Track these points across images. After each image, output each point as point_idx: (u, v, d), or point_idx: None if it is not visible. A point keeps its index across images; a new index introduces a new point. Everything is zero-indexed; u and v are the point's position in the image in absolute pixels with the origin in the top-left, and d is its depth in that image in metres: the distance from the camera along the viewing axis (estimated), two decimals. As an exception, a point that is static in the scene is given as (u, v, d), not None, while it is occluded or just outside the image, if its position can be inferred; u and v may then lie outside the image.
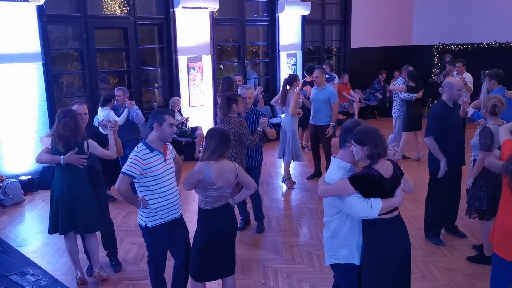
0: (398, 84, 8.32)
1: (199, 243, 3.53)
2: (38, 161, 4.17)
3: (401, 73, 8.95)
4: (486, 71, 7.36)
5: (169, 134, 3.52)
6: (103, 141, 4.41)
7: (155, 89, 9.62)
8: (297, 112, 6.95)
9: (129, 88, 8.70)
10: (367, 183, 2.89)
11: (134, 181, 3.49)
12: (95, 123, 6.37)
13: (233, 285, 3.73)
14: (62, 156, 4.00)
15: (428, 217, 5.16)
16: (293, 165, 7.85)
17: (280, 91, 7.21)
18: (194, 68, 9.22)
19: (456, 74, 8.65)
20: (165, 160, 3.56)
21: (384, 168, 2.95)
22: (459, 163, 4.94)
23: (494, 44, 12.36)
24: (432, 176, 5.00)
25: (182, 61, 9.04)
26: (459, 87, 4.79)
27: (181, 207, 3.77)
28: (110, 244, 4.70)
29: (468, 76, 8.27)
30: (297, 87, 7.42)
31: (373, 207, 2.89)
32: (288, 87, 6.99)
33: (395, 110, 8.34)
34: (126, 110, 6.59)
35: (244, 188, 3.76)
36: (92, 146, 4.17)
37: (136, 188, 3.58)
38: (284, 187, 7.25)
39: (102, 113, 6.50)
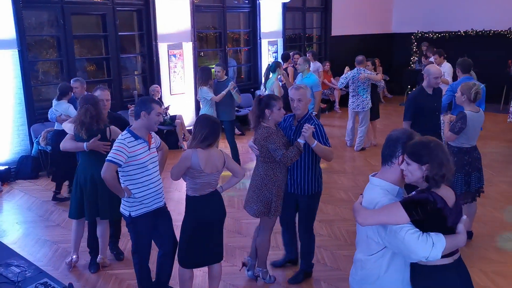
0: (371, 73, 8.14)
1: (188, 230, 3.52)
2: (63, 148, 4.17)
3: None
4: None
5: (155, 123, 3.52)
6: (125, 127, 4.36)
7: (135, 77, 9.48)
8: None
9: (108, 76, 8.57)
10: (426, 211, 2.20)
11: (117, 170, 3.46)
12: (50, 117, 6.13)
13: (219, 272, 3.75)
14: (85, 143, 4.01)
15: None
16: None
17: (263, 78, 7.18)
18: (174, 56, 9.11)
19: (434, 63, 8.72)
20: (149, 149, 3.55)
21: (447, 194, 2.28)
22: None
23: (471, 32, 12.55)
24: None
25: (162, 48, 8.92)
26: (436, 75, 4.94)
27: (164, 196, 3.77)
28: (116, 231, 4.67)
29: (446, 67, 8.28)
30: (281, 75, 7.40)
31: (436, 246, 2.16)
32: (271, 74, 6.97)
33: (368, 101, 8.11)
34: None
35: (232, 175, 3.74)
36: (115, 132, 4.12)
37: (120, 177, 3.55)
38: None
39: (60, 107, 6.05)
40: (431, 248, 2.15)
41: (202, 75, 6.98)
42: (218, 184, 3.64)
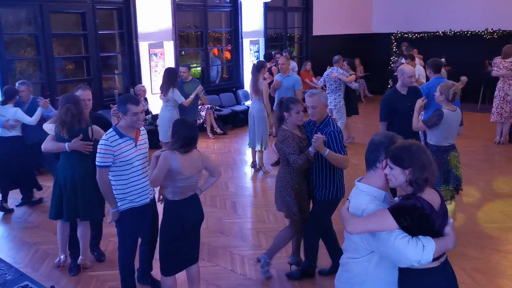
0: (344, 74, 8.20)
1: (168, 237, 3.43)
2: (44, 150, 4.10)
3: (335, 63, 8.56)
4: (443, 59, 7.59)
5: (135, 121, 3.48)
6: (107, 127, 4.31)
7: (116, 76, 9.38)
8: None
9: (87, 75, 8.46)
10: (414, 218, 2.19)
11: None
12: None
13: (198, 273, 3.71)
14: (67, 143, 3.94)
15: None
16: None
17: (251, 78, 7.14)
18: (155, 55, 9.04)
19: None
20: (135, 146, 3.54)
21: (431, 198, 2.27)
22: None
23: (449, 33, 12.75)
24: None
25: (143, 47, 8.84)
26: (410, 74, 5.02)
27: (153, 192, 3.76)
28: (97, 233, 4.61)
29: (420, 70, 8.41)
30: (265, 74, 7.39)
31: (426, 249, 2.16)
32: (257, 73, 6.97)
33: (340, 99, 8.19)
34: (39, 109, 5.76)
35: (209, 175, 3.69)
36: (97, 132, 4.07)
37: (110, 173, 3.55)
38: (249, 174, 7.28)
39: (7, 112, 5.71)
40: (421, 251, 2.14)
41: (171, 76, 6.88)
42: (197, 187, 3.57)
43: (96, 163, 3.44)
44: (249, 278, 4.25)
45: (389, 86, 8.34)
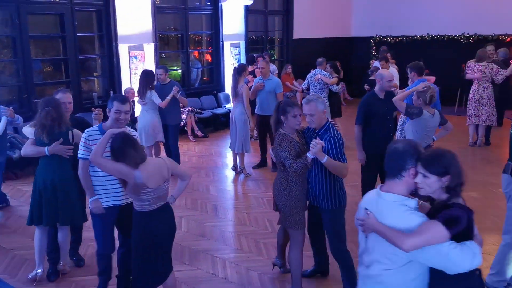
0: (327, 76, 8.29)
1: (139, 250, 3.30)
2: (24, 154, 4.04)
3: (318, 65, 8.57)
4: (421, 62, 7.70)
5: (116, 119, 3.52)
6: None
7: (95, 79, 9.27)
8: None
9: (66, 77, 8.35)
10: (463, 225, 2.21)
11: None
12: None
13: (174, 281, 3.60)
14: (47, 147, 3.88)
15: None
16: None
17: (232, 82, 7.15)
18: (135, 57, 8.97)
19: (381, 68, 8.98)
20: None
21: (463, 201, 2.33)
22: (384, 151, 5.20)
23: (426, 37, 13.00)
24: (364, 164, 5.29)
25: (123, 50, 8.77)
26: (389, 78, 5.12)
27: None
28: (77, 237, 4.56)
29: (394, 72, 8.55)
30: (247, 77, 7.40)
31: (475, 254, 2.18)
32: (237, 77, 6.98)
33: (325, 101, 8.32)
34: (4, 118, 5.41)
35: (179, 180, 3.60)
36: (77, 136, 4.00)
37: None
38: (231, 177, 7.28)
39: None
40: (473, 258, 2.16)
41: (147, 79, 6.83)
42: (167, 195, 3.44)
43: (78, 155, 3.58)
44: (230, 282, 4.25)
45: (366, 89, 8.41)
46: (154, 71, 7.30)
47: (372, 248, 2.43)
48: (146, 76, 6.86)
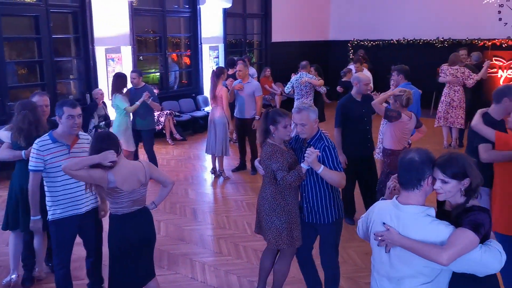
0: (313, 78, 8.38)
1: (115, 254, 3.24)
2: (0, 158, 3.92)
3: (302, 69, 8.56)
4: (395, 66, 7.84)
5: (71, 126, 3.41)
6: None
7: (71, 81, 9.13)
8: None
9: (41, 79, 8.20)
10: (486, 227, 2.24)
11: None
12: None
13: (156, 286, 3.56)
14: (23, 151, 3.77)
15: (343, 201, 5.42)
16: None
17: (210, 85, 7.11)
18: (113, 59, 8.87)
19: (355, 72, 9.12)
20: (69, 152, 3.46)
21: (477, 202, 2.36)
22: (363, 153, 5.28)
23: (403, 41, 13.22)
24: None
25: (99, 52, 8.66)
26: (366, 81, 5.20)
27: (93, 202, 3.66)
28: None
29: (367, 74, 8.66)
30: (226, 81, 7.38)
31: (502, 253, 2.22)
32: (216, 80, 6.96)
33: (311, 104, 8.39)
34: None
35: (162, 186, 3.51)
36: None
37: (43, 179, 3.48)
38: (209, 180, 7.25)
39: None
40: (501, 257, 2.19)
41: (116, 82, 6.72)
42: (145, 200, 3.37)
43: (29, 167, 3.40)
44: (210, 285, 4.23)
45: (339, 91, 8.49)
46: (123, 74, 7.10)
47: (399, 263, 2.36)
48: (117, 79, 6.76)
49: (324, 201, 3.48)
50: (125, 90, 6.84)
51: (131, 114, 6.85)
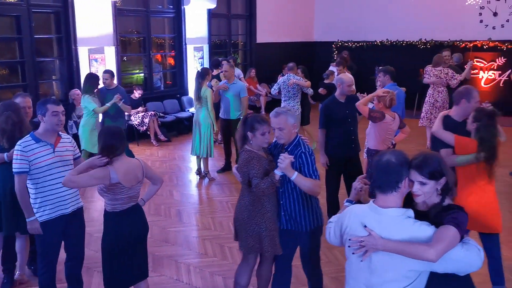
0: (301, 80, 8.41)
1: (109, 250, 3.28)
2: None
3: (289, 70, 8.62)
4: (380, 67, 7.93)
5: (55, 123, 3.39)
6: None
7: (53, 82, 9.01)
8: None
9: (23, 80, 8.09)
10: (465, 226, 2.26)
11: None
12: None
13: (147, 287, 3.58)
14: (6, 153, 3.70)
15: (327, 202, 5.48)
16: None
17: (195, 85, 7.09)
18: (96, 60, 8.78)
19: (337, 74, 9.18)
20: (54, 151, 3.42)
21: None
22: (347, 154, 5.32)
23: (386, 42, 13.35)
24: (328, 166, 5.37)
25: (82, 52, 8.57)
26: (349, 83, 5.24)
27: (78, 202, 3.63)
28: (36, 246, 4.37)
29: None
30: (211, 82, 7.36)
31: (480, 249, 2.23)
32: (201, 81, 6.93)
33: (298, 107, 8.35)
34: None
35: (151, 184, 3.57)
36: None
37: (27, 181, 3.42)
38: (194, 181, 7.22)
39: None
40: (480, 254, 2.19)
41: (87, 82, 6.65)
42: (139, 197, 3.44)
43: (13, 170, 3.35)
44: (195, 287, 4.22)
45: (321, 93, 8.54)
46: (95, 75, 7.05)
47: (382, 269, 2.30)
48: (89, 79, 6.67)
49: (301, 208, 3.38)
50: (95, 90, 6.76)
51: (100, 115, 6.77)
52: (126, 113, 7.29)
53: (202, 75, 6.95)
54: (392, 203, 2.29)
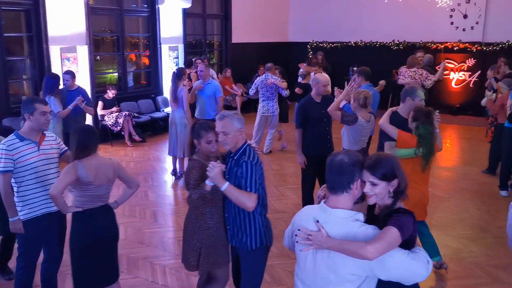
0: (279, 80, 8.46)
1: (77, 250, 3.24)
2: None
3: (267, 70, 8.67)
4: (355, 68, 8.04)
5: (43, 123, 3.37)
6: None
7: (24, 82, 8.80)
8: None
9: (-8, 79, 7.86)
10: (410, 230, 2.19)
11: None
12: None
13: None
14: None
15: (303, 202, 5.54)
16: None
17: (171, 86, 7.03)
18: (68, 59, 8.61)
19: (314, 74, 9.25)
20: (38, 150, 3.39)
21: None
22: (322, 153, 5.37)
23: (360, 43, 13.54)
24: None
25: (54, 51, 8.39)
26: (324, 83, 5.29)
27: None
28: (6, 249, 4.29)
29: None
30: (184, 82, 7.32)
31: (429, 261, 2.16)
32: (177, 81, 6.89)
33: (276, 106, 8.46)
34: None
35: (126, 187, 3.53)
36: None
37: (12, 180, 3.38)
38: (170, 182, 7.17)
39: None
40: (428, 265, 2.14)
41: (48, 83, 6.50)
42: (109, 198, 3.39)
43: None
44: (170, 288, 4.18)
45: (297, 93, 8.59)
46: (55, 75, 6.92)
47: (325, 271, 2.25)
48: (49, 80, 6.53)
49: (244, 224, 3.09)
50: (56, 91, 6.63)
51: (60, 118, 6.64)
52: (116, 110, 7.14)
53: (178, 76, 6.91)
54: (342, 204, 2.24)
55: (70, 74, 6.82)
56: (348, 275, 2.19)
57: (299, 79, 8.81)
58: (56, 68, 8.44)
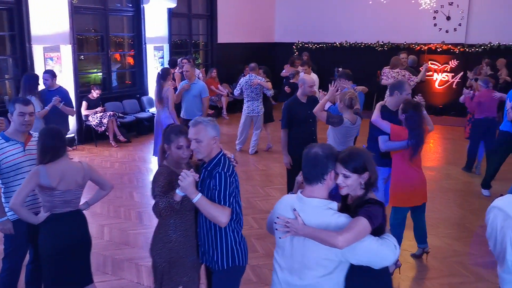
0: (264, 80, 8.49)
1: (46, 253, 3.14)
2: None
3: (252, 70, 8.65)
4: (340, 69, 8.09)
5: (21, 123, 3.35)
6: None
7: (6, 81, 8.66)
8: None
9: (-27, 79, 7.73)
10: (380, 218, 2.34)
11: None
12: None
13: None
14: None
15: None
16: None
17: (156, 87, 6.98)
18: (51, 59, 8.50)
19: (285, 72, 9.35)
20: (24, 150, 3.37)
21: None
22: None
23: (345, 44, 13.63)
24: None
25: (37, 51, 8.27)
26: (310, 83, 5.31)
27: None
28: None
29: (314, 78, 8.89)
30: (169, 82, 7.29)
31: (396, 246, 2.33)
32: (162, 81, 6.85)
33: (261, 106, 8.48)
34: None
35: (99, 189, 3.43)
36: None
37: None
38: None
39: None
40: (395, 250, 2.30)
41: (26, 83, 6.37)
42: (79, 202, 3.29)
43: None
44: (156, 290, 4.15)
45: (287, 92, 8.63)
46: (35, 75, 6.80)
47: (300, 255, 2.38)
48: (28, 80, 6.41)
49: (215, 241, 2.85)
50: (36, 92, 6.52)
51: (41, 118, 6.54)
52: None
53: (163, 76, 6.87)
54: (316, 194, 2.39)
55: (50, 73, 6.71)
56: (321, 260, 2.34)
57: (290, 80, 8.89)
58: (39, 67, 8.33)
